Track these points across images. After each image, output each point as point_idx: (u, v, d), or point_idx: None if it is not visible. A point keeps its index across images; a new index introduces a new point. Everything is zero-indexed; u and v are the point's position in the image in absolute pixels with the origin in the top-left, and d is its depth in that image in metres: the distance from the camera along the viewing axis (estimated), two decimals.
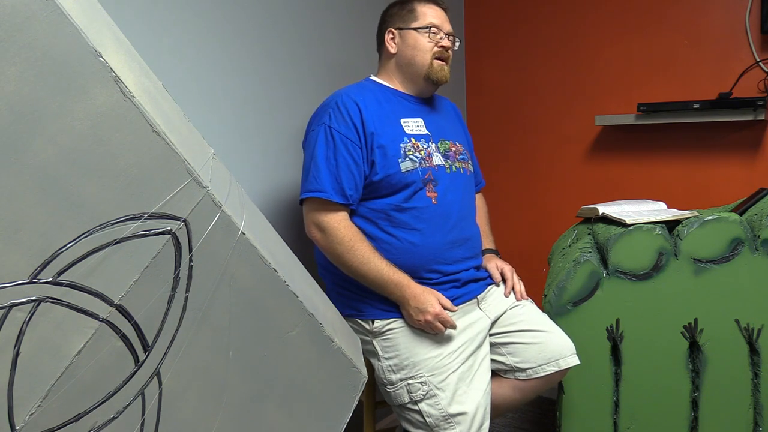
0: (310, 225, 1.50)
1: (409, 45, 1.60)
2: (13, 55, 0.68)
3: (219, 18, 1.66)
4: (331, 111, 1.51)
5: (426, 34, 1.58)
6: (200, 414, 0.90)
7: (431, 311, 1.44)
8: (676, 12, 2.25)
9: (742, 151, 2.18)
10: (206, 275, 0.86)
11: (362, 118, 1.49)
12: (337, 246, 1.46)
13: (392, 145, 1.51)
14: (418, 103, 1.64)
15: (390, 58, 1.64)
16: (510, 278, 1.68)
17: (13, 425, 0.73)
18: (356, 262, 1.45)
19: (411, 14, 1.61)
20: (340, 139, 1.48)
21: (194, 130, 0.96)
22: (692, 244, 1.61)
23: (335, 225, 1.46)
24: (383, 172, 1.49)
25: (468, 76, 2.74)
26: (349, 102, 1.51)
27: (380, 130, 1.50)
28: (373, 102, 1.54)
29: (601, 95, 2.41)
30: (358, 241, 1.46)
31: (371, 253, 1.46)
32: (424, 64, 1.58)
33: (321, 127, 1.50)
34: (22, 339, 0.73)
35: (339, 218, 1.47)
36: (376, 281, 1.46)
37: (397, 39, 1.61)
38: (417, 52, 1.59)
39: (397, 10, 1.64)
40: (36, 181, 0.71)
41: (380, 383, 1.53)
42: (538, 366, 1.55)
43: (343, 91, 1.56)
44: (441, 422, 1.44)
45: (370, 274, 1.46)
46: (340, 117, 1.49)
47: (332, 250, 1.47)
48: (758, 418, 1.63)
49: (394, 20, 1.63)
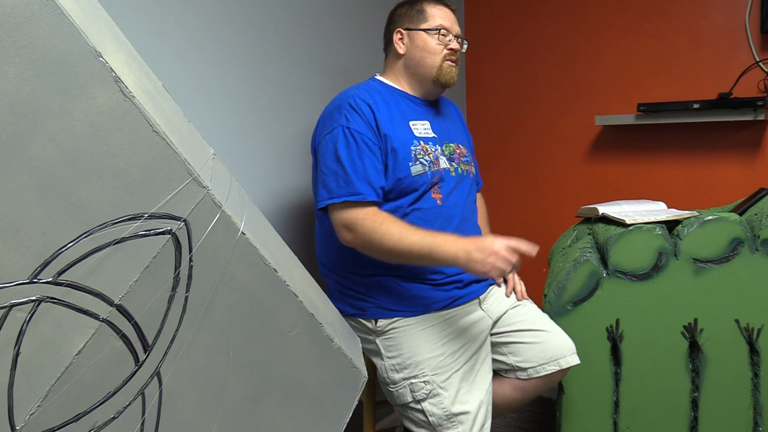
0: (341, 229, 1.43)
1: (418, 46, 1.58)
2: (13, 55, 0.68)
3: (219, 18, 1.66)
4: (346, 112, 1.47)
5: (435, 36, 1.57)
6: (200, 414, 0.90)
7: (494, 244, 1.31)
8: (676, 12, 2.25)
9: (742, 151, 2.18)
10: (206, 275, 0.86)
11: (376, 120, 1.47)
12: (371, 235, 1.38)
13: (403, 149, 1.49)
14: (424, 105, 1.63)
15: (398, 59, 1.61)
16: (511, 279, 1.68)
17: (13, 425, 0.73)
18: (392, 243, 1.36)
19: (420, 15, 1.59)
20: (362, 139, 1.44)
21: (194, 130, 0.96)
22: (692, 244, 1.61)
23: (363, 217, 1.40)
24: (394, 176, 1.47)
25: (468, 76, 2.74)
26: (362, 103, 1.48)
27: (392, 132, 1.48)
28: (382, 103, 1.52)
29: (601, 95, 2.41)
30: (389, 223, 1.39)
31: (404, 228, 1.38)
32: (434, 66, 1.57)
33: (339, 129, 1.46)
34: (22, 339, 0.73)
35: (366, 211, 1.41)
36: (423, 254, 1.36)
37: (406, 39, 1.59)
38: (426, 54, 1.57)
39: (406, 9, 1.62)
40: (36, 181, 0.71)
41: (383, 382, 1.53)
42: (539, 365, 1.55)
43: (353, 92, 1.52)
44: (444, 421, 1.44)
45: (413, 250, 1.36)
46: (357, 117, 1.46)
47: (368, 244, 1.39)
48: (758, 418, 1.63)
49: (402, 20, 1.61)
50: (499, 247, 1.30)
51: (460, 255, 1.33)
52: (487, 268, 1.31)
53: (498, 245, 1.30)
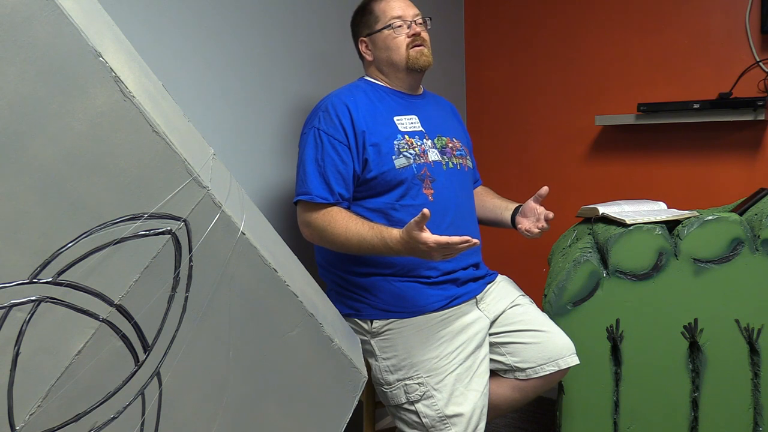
0: (301, 225, 1.51)
1: (380, 48, 1.60)
2: (13, 55, 0.68)
3: (219, 18, 1.66)
4: (321, 114, 1.53)
5: (391, 31, 1.58)
6: (200, 414, 0.90)
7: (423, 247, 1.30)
8: (676, 12, 2.25)
9: (742, 151, 2.18)
10: (206, 275, 0.86)
11: (352, 119, 1.50)
12: (322, 231, 1.45)
13: (386, 143, 1.51)
14: (411, 100, 1.65)
15: (370, 65, 1.66)
16: (543, 212, 1.61)
17: (13, 425, 0.73)
18: (338, 234, 1.42)
19: (371, 17, 1.61)
20: (328, 140, 1.49)
21: (194, 130, 0.96)
22: (692, 244, 1.61)
23: (315, 216, 1.47)
24: (377, 169, 1.49)
25: (468, 76, 2.74)
26: (339, 104, 1.52)
27: (372, 128, 1.51)
28: (365, 101, 1.55)
29: (601, 95, 2.41)
30: (335, 214, 1.44)
31: (347, 219, 1.43)
32: (401, 59, 1.58)
33: (311, 130, 1.52)
34: (22, 339, 0.73)
35: (322, 211, 1.47)
36: (364, 249, 1.41)
37: (370, 45, 1.63)
38: (390, 51, 1.59)
39: (359, 17, 1.66)
40: (36, 181, 0.71)
41: (377, 383, 1.53)
42: (538, 366, 1.55)
43: (334, 94, 1.57)
44: (437, 423, 1.44)
45: (353, 241, 1.41)
46: (328, 119, 1.51)
47: (322, 239, 1.47)
48: (758, 418, 1.63)
49: (360, 29, 1.65)
50: (432, 248, 1.29)
51: (400, 255, 1.40)
52: (435, 260, 1.36)
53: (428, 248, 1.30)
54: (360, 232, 1.41)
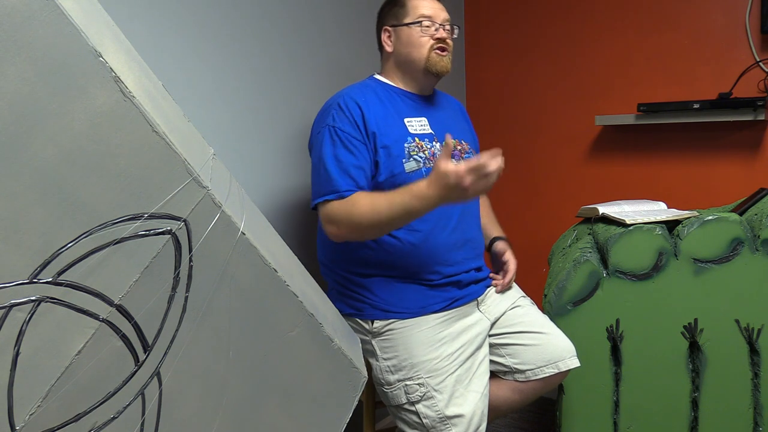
0: (326, 225, 1.44)
1: (403, 42, 1.58)
2: (13, 55, 0.68)
3: (219, 18, 1.66)
4: (333, 112, 1.50)
5: (418, 28, 1.56)
6: (200, 414, 0.90)
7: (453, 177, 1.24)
8: (676, 12, 2.25)
9: (742, 151, 2.18)
10: (206, 275, 0.86)
11: (364, 118, 1.48)
12: (349, 217, 1.39)
13: (396, 146, 1.49)
14: (421, 102, 1.63)
15: (389, 57, 1.63)
16: (511, 271, 1.65)
17: (13, 425, 0.73)
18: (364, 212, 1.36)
19: (402, 9, 1.59)
20: (345, 137, 1.46)
21: (194, 130, 0.96)
22: (692, 244, 1.61)
23: (337, 207, 1.41)
24: (387, 172, 1.48)
25: (468, 76, 2.74)
26: (351, 102, 1.50)
27: (383, 130, 1.49)
28: (375, 101, 1.53)
29: (601, 95, 2.41)
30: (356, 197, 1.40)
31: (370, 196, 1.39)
32: (421, 59, 1.56)
33: (325, 128, 1.49)
34: (22, 339, 0.73)
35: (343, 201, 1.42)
36: (398, 214, 1.34)
37: (393, 37, 1.60)
38: (412, 48, 1.57)
39: (389, 7, 1.63)
40: (36, 181, 0.71)
41: (377, 383, 1.52)
42: (538, 368, 1.54)
43: (345, 92, 1.55)
44: (437, 424, 1.44)
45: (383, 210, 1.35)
46: (343, 116, 1.48)
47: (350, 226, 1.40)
48: (758, 418, 1.63)
49: (387, 18, 1.62)
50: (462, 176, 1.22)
51: (437, 204, 1.30)
52: (470, 195, 1.28)
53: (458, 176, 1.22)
54: (387, 198, 1.35)
